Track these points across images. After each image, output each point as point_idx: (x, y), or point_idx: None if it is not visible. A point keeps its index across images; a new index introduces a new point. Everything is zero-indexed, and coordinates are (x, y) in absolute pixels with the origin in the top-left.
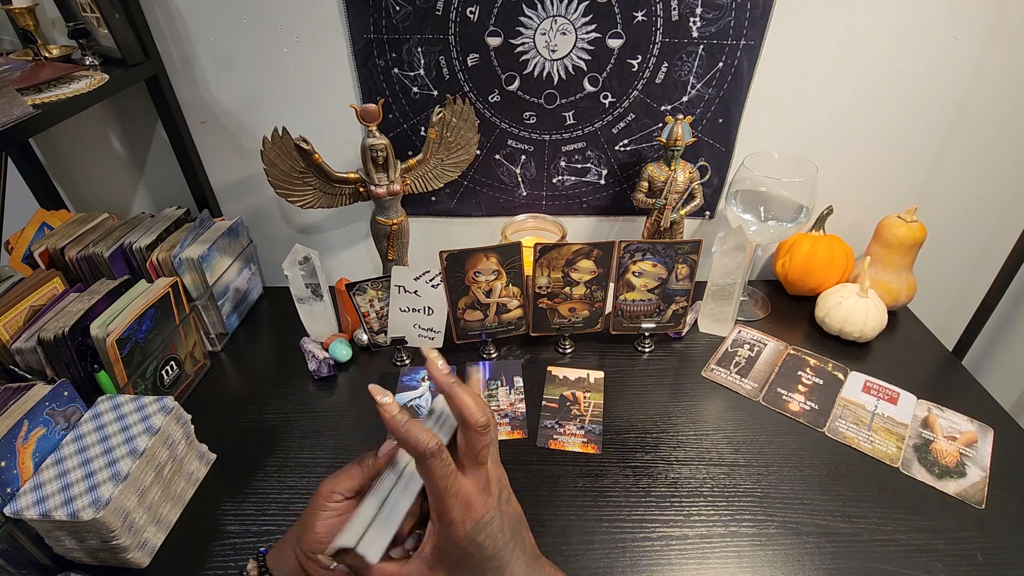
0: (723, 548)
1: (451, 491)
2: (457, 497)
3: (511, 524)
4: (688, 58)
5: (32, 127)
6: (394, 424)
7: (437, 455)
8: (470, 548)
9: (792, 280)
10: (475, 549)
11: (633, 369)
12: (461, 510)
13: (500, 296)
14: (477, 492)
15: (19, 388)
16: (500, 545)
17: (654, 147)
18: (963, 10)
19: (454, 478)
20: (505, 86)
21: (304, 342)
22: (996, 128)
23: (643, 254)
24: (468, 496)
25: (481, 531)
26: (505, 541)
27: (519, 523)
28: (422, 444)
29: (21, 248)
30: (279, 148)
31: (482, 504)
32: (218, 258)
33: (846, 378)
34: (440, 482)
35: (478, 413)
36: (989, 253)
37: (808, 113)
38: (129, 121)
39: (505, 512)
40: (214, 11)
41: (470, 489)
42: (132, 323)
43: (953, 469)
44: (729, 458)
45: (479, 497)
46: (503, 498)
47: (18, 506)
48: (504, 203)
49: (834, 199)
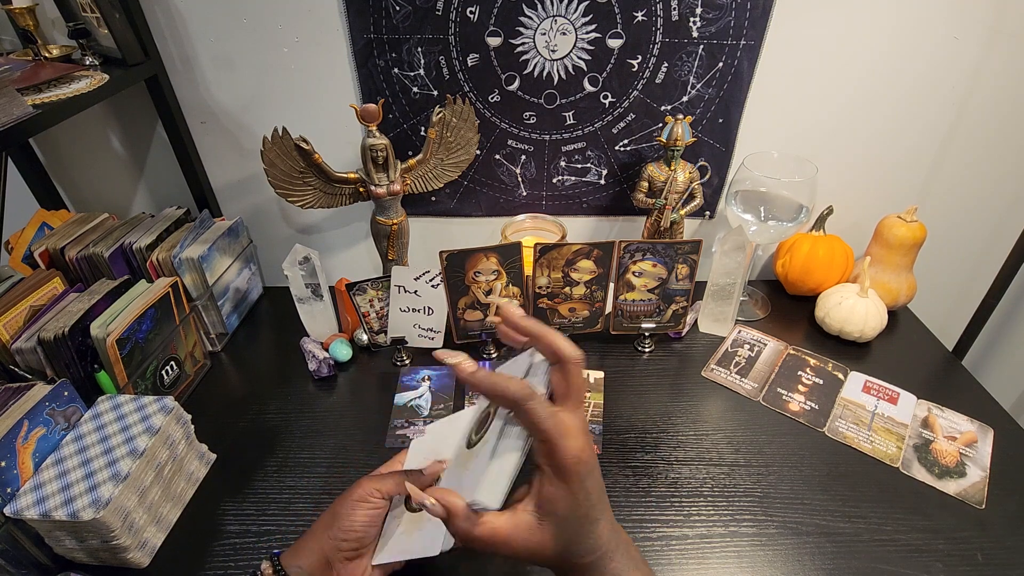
0: (723, 548)
1: (560, 430)
2: (567, 436)
3: (598, 484)
4: (688, 58)
5: (32, 127)
6: (477, 379)
7: (535, 397)
8: (580, 494)
9: (792, 280)
10: (584, 496)
11: (633, 369)
12: (574, 450)
13: (500, 296)
14: (583, 433)
15: (19, 388)
16: (598, 494)
17: (654, 147)
18: (963, 10)
19: (560, 416)
20: (505, 86)
21: (304, 342)
22: (996, 128)
23: (643, 254)
24: (579, 435)
25: (588, 475)
26: (600, 491)
27: (603, 486)
28: (515, 391)
29: (21, 248)
30: (279, 148)
31: (589, 445)
32: (218, 258)
33: (846, 378)
34: (546, 423)
35: (572, 347)
36: (989, 253)
37: (808, 113)
38: (129, 121)
39: (596, 464)
40: (214, 11)
41: (579, 427)
42: (132, 323)
43: (953, 469)
44: (729, 458)
45: (585, 439)
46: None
47: (18, 506)
48: (504, 203)
49: (834, 199)
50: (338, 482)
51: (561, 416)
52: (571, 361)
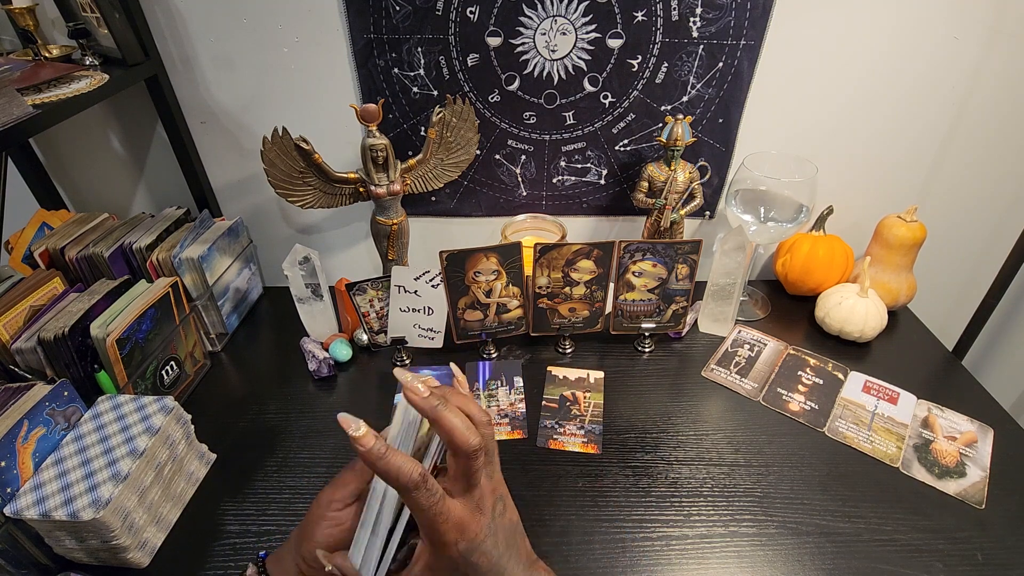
0: (723, 548)
1: (441, 518)
2: (448, 523)
3: (506, 536)
4: (688, 58)
5: (32, 127)
6: (371, 458)
7: (421, 486)
8: (464, 568)
9: (792, 280)
10: (469, 569)
11: (633, 369)
12: (454, 534)
13: (500, 296)
14: (469, 514)
15: (19, 388)
16: (495, 559)
17: (654, 147)
18: (963, 10)
19: (443, 504)
20: (505, 86)
21: (304, 342)
22: (996, 128)
23: (643, 254)
24: (460, 520)
25: (475, 551)
26: (499, 554)
27: (513, 532)
28: (404, 478)
29: (21, 248)
30: (279, 148)
31: (475, 524)
32: (218, 258)
33: (846, 378)
34: (428, 512)
35: (469, 436)
36: (989, 253)
37: (808, 113)
38: (129, 121)
39: (499, 525)
40: (214, 11)
41: (461, 512)
42: (132, 323)
43: (953, 469)
44: (729, 458)
45: (472, 518)
46: (497, 511)
47: (18, 506)
48: (504, 203)
49: (834, 199)
50: None
51: (444, 505)
52: (464, 454)
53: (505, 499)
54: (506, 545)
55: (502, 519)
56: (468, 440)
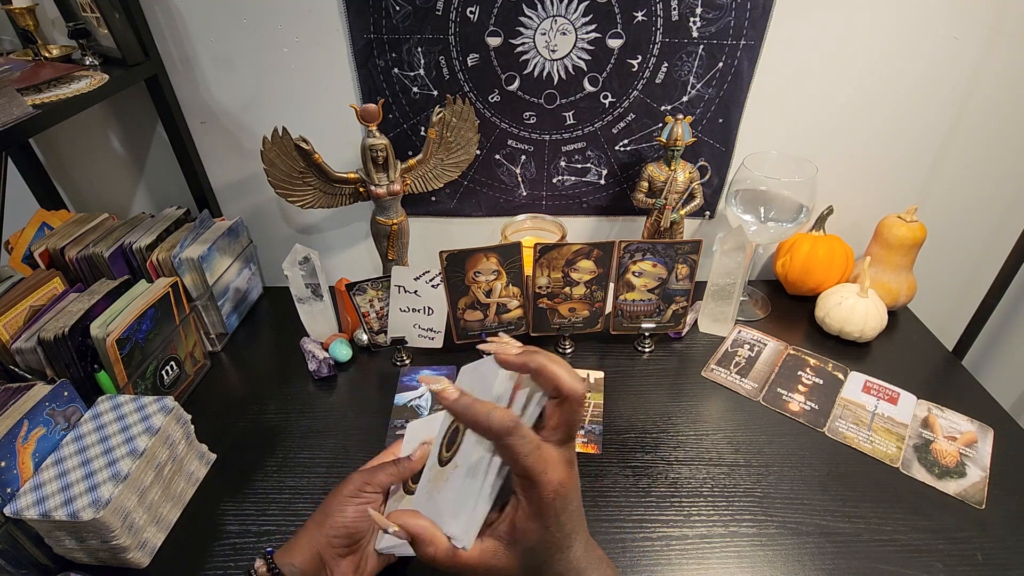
0: (723, 548)
1: (539, 468)
2: (547, 472)
3: (579, 502)
4: (688, 58)
5: (32, 127)
6: (459, 408)
7: (516, 432)
8: (553, 527)
9: (792, 280)
10: (557, 528)
11: (633, 369)
12: (553, 485)
13: (500, 296)
14: (566, 466)
15: (19, 388)
16: (573, 524)
17: (654, 147)
18: (963, 10)
19: (540, 452)
20: (505, 86)
21: (304, 342)
22: (996, 128)
23: (643, 254)
24: (560, 468)
25: (564, 509)
26: (576, 520)
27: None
28: (496, 423)
29: (21, 248)
30: (279, 148)
31: (569, 478)
32: (218, 258)
33: (846, 378)
34: (527, 459)
35: (576, 382)
36: (989, 253)
37: (808, 113)
38: (129, 121)
39: (578, 488)
40: (214, 11)
41: (559, 461)
42: (132, 323)
43: (953, 469)
44: (729, 458)
45: (568, 472)
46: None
47: (18, 506)
48: (504, 203)
49: (834, 199)
50: (338, 482)
51: (544, 451)
52: (572, 399)
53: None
54: (579, 511)
55: (578, 482)
56: (576, 385)
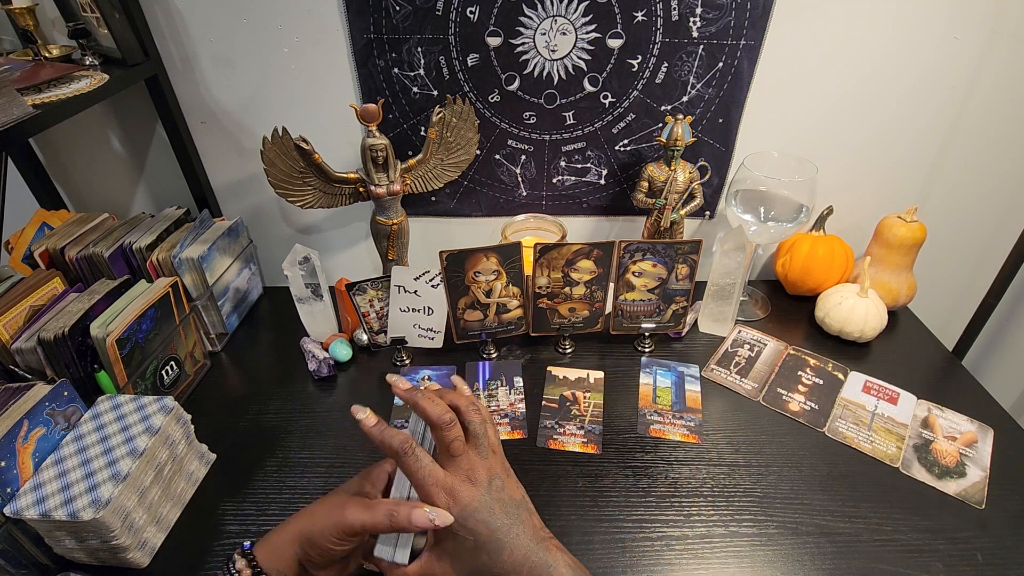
0: (723, 548)
1: (428, 481)
2: (436, 486)
3: (506, 509)
4: (688, 58)
5: (32, 127)
6: (372, 434)
7: (409, 452)
8: (462, 532)
9: (792, 280)
10: (467, 533)
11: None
12: (444, 498)
13: (500, 296)
14: (459, 482)
15: (19, 388)
16: (494, 528)
17: (654, 147)
18: (963, 10)
19: (429, 470)
20: (505, 86)
21: (304, 342)
22: (996, 128)
23: (643, 254)
24: (449, 486)
25: (469, 517)
26: (498, 525)
27: (518, 507)
28: (394, 446)
29: (21, 248)
30: (279, 148)
31: (466, 492)
32: (218, 258)
33: (846, 378)
34: (416, 475)
35: (439, 411)
36: (989, 253)
37: (808, 113)
38: (129, 121)
39: (497, 499)
40: (214, 11)
41: (449, 479)
42: (132, 323)
43: (953, 469)
44: (729, 458)
45: (462, 486)
46: (495, 486)
47: (18, 506)
48: (504, 203)
49: (834, 199)
50: (338, 482)
51: (431, 471)
52: (436, 426)
53: (505, 478)
54: (507, 517)
55: (501, 493)
56: (438, 414)
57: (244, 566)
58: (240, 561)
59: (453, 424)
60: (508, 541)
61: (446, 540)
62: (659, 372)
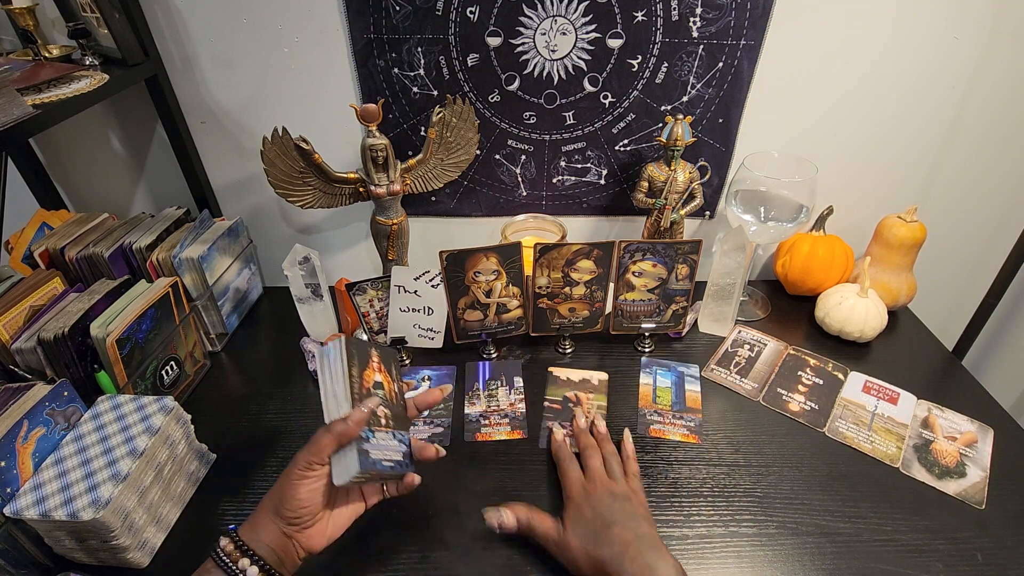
0: (723, 548)
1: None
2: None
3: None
4: (688, 58)
5: (32, 127)
6: (562, 454)
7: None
8: (585, 511)
9: (792, 280)
10: (588, 512)
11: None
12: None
13: (500, 296)
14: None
15: (19, 388)
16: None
17: (654, 147)
18: (963, 10)
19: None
20: (505, 86)
21: (304, 342)
22: (996, 128)
23: (643, 254)
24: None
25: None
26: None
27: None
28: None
29: (21, 248)
30: (279, 148)
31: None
32: (218, 258)
33: (846, 378)
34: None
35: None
36: (989, 253)
37: (808, 113)
38: (129, 121)
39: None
40: (214, 11)
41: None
42: (132, 323)
43: (953, 469)
44: (729, 458)
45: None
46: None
47: (18, 506)
48: (504, 203)
49: (834, 199)
50: None
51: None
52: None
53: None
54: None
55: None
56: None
57: (228, 543)
58: (224, 539)
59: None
60: (615, 520)
61: (570, 511)
62: (659, 372)
